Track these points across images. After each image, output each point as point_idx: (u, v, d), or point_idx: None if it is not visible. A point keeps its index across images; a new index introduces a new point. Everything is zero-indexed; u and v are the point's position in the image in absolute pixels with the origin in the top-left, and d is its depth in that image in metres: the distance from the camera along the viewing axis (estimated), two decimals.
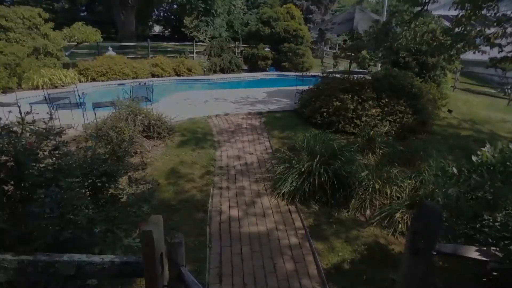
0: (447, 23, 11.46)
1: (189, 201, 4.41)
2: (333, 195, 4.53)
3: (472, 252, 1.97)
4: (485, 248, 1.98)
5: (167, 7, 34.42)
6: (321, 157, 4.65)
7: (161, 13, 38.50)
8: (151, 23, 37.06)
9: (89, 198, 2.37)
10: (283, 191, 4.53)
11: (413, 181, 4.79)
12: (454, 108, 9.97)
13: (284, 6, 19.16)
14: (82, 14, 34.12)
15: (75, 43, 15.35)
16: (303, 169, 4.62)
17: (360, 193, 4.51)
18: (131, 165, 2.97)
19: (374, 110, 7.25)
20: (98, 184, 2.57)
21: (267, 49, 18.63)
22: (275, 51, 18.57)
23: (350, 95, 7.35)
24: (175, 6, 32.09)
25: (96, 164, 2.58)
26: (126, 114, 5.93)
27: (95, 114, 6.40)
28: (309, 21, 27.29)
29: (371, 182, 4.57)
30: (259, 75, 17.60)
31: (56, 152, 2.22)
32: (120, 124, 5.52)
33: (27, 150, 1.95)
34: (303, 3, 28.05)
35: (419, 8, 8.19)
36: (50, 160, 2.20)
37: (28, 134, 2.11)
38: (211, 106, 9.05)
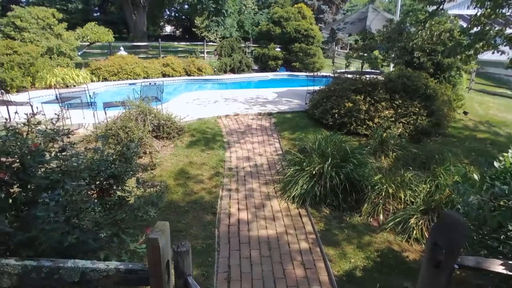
0: (463, 23, 11.16)
1: (198, 202, 4.35)
2: (344, 198, 4.42)
3: (497, 266, 1.84)
4: (511, 262, 1.85)
5: (178, 7, 34.59)
6: (333, 159, 4.54)
7: (172, 13, 38.76)
8: (162, 23, 37.35)
9: (95, 201, 2.33)
10: (293, 194, 4.43)
11: (428, 186, 4.64)
12: (470, 109, 9.69)
13: (295, 6, 19.02)
14: (95, 14, 34.60)
15: (87, 43, 15.54)
16: (314, 172, 4.52)
17: (373, 197, 4.38)
18: (139, 166, 2.92)
19: (387, 112, 7.08)
20: (106, 186, 2.53)
21: (278, 49, 18.52)
22: (286, 51, 18.45)
23: (362, 96, 7.20)
24: (186, 6, 32.25)
25: (103, 166, 2.54)
26: (136, 114, 5.92)
27: (105, 113, 6.42)
28: (320, 20, 27.08)
29: (384, 186, 4.44)
30: (269, 75, 17.50)
31: (63, 153, 2.18)
32: (130, 124, 5.51)
33: (32, 152, 1.90)
34: (314, 2, 27.84)
35: (434, 7, 7.99)
36: (57, 162, 2.16)
37: (35, 135, 2.07)
38: (221, 106, 9.00)
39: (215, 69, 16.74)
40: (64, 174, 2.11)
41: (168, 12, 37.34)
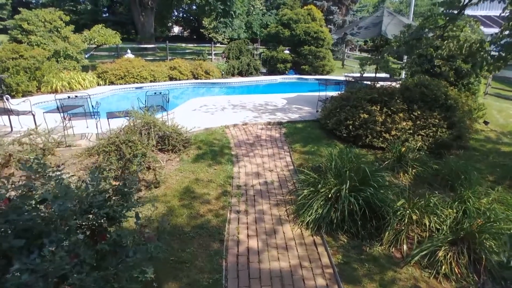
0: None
1: (204, 227, 4.03)
2: (363, 224, 4.05)
3: None
4: None
5: (186, 8, 34.45)
6: (351, 181, 4.17)
7: (180, 14, 38.65)
8: (170, 24, 37.23)
9: (84, 249, 2.01)
10: (308, 219, 4.08)
11: (455, 210, 4.25)
12: (489, 118, 9.20)
13: (305, 7, 18.61)
14: (104, 15, 34.65)
15: (95, 46, 15.38)
16: (330, 195, 4.16)
17: (395, 224, 4.01)
18: (139, 200, 2.59)
19: (404, 123, 6.67)
20: (98, 229, 2.21)
21: (287, 52, 18.16)
22: (295, 53, 18.07)
23: (378, 107, 6.80)
24: (194, 7, 32.06)
25: (96, 204, 2.22)
26: (140, 126, 5.63)
27: (109, 125, 6.15)
28: (330, 22, 26.59)
29: (407, 211, 4.06)
30: (278, 79, 17.16)
31: (45, 203, 1.86)
32: (134, 138, 5.22)
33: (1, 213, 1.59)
34: (323, 3, 27.34)
35: (455, 12, 7.55)
36: (39, 210, 1.85)
37: (3, 191, 1.75)
38: (228, 114, 8.68)
39: (223, 72, 16.46)
40: (47, 224, 1.81)
41: (176, 13, 37.23)
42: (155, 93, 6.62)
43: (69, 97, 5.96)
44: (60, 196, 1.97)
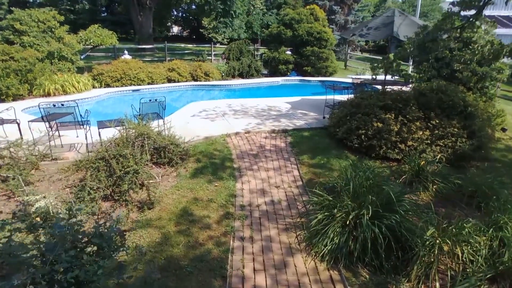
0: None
1: (204, 259, 3.50)
2: (387, 255, 3.53)
3: None
4: None
5: (185, 8, 33.89)
6: (371, 205, 3.65)
7: (180, 14, 38.09)
8: (169, 23, 36.68)
9: None
10: (323, 250, 3.56)
11: (489, 238, 3.73)
12: (506, 123, 8.68)
13: (308, 7, 18.08)
14: (102, 15, 34.11)
15: (91, 46, 14.84)
16: (347, 221, 3.64)
17: (423, 256, 3.49)
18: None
19: (421, 133, 6.15)
20: None
21: (288, 52, 17.63)
22: (297, 54, 17.54)
23: (392, 114, 6.28)
24: (194, 7, 31.51)
25: (62, 262, 1.69)
26: (133, 138, 5.10)
27: (99, 135, 5.63)
28: (332, 22, 26.08)
29: (437, 240, 3.54)
30: (279, 80, 16.63)
31: None
32: (125, 152, 4.68)
33: None
34: (325, 3, 26.84)
35: (472, 12, 7.06)
36: None
37: None
38: (230, 120, 8.15)
39: (223, 74, 15.92)
40: None
41: (175, 13, 36.67)
42: (150, 100, 6.09)
43: (54, 105, 5.42)
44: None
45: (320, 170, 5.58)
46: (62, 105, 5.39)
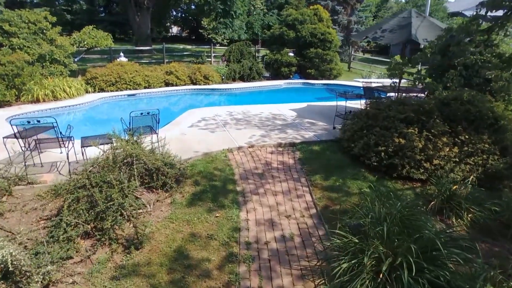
0: None
1: None
2: None
3: None
4: None
5: (185, 8, 33.16)
6: (409, 252, 2.95)
7: (179, 14, 37.37)
8: (168, 24, 35.95)
9: None
10: None
11: None
12: None
13: (311, 7, 17.38)
14: (100, 15, 33.41)
15: (85, 48, 14.13)
16: (380, 273, 2.94)
17: None
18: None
19: (448, 149, 5.45)
20: None
21: (291, 54, 16.93)
22: (300, 56, 16.86)
23: (416, 129, 5.57)
24: (193, 7, 30.80)
25: None
26: (120, 159, 4.39)
27: (83, 155, 4.93)
28: (335, 22, 25.35)
29: None
30: (282, 84, 15.95)
31: None
32: (110, 177, 3.98)
33: None
34: (328, 3, 26.15)
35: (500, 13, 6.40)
36: None
37: None
38: (231, 131, 7.44)
39: (223, 77, 15.23)
40: None
41: (174, 13, 35.95)
42: (141, 113, 5.38)
43: (29, 122, 4.71)
44: None
45: (336, 195, 4.87)
46: (38, 121, 4.67)
